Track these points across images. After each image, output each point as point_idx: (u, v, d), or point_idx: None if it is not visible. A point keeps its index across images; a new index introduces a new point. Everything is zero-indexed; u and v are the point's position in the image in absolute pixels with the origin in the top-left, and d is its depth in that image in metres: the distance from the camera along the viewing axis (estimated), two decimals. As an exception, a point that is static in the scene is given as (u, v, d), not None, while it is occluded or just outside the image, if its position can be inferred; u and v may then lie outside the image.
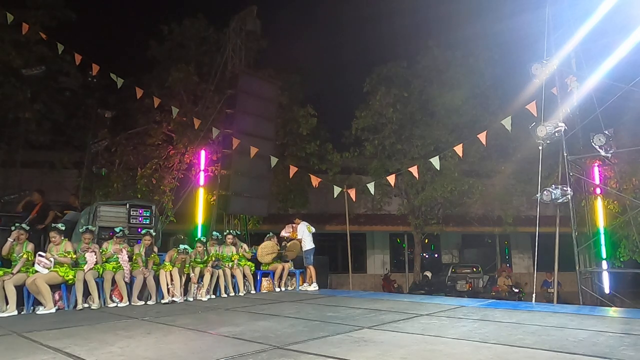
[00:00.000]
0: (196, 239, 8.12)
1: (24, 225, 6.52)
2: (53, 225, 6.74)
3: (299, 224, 9.35)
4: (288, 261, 9.29)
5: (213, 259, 7.93)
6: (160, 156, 14.50)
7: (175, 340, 4.17)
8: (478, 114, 16.18)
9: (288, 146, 16.18)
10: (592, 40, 8.75)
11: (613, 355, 3.19)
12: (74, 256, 6.60)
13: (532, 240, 12.58)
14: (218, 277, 7.84)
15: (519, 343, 3.65)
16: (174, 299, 6.97)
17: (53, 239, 6.51)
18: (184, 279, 7.25)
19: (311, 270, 9.04)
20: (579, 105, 9.31)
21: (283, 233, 9.69)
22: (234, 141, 11.22)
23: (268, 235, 9.38)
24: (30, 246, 6.46)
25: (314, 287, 8.92)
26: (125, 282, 6.89)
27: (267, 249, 9.03)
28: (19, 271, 6.16)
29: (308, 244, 9.14)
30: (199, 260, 7.65)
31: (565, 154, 8.91)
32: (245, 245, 9.06)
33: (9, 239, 6.39)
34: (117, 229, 7.32)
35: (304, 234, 9.19)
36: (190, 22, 15.99)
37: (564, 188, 8.45)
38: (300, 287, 9.12)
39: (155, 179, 14.07)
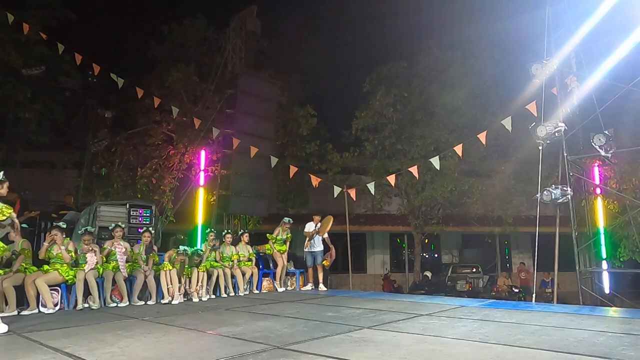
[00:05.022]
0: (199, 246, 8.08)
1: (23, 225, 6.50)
2: (55, 223, 6.69)
3: (318, 221, 9.34)
4: (289, 260, 9.32)
5: (210, 258, 7.92)
6: (160, 156, 14.50)
7: (175, 340, 4.16)
8: (478, 114, 16.16)
9: (288, 146, 16.18)
10: (592, 40, 8.75)
11: (613, 355, 3.18)
12: (74, 256, 6.59)
13: (532, 240, 12.57)
14: (218, 277, 7.83)
15: (519, 343, 3.65)
16: (173, 299, 6.97)
17: (56, 237, 6.48)
18: (183, 280, 7.25)
19: (319, 270, 9.05)
20: (579, 105, 9.31)
21: (307, 229, 9.58)
22: (234, 141, 11.23)
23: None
24: (26, 244, 6.44)
25: (323, 287, 8.91)
26: (124, 277, 6.88)
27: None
28: (17, 270, 6.14)
29: (318, 245, 9.14)
30: (194, 264, 7.62)
31: (565, 154, 8.91)
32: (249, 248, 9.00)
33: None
34: (113, 224, 7.30)
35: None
36: (190, 22, 15.98)
37: (564, 188, 8.45)
38: (310, 287, 9.03)
39: (155, 179, 14.07)
